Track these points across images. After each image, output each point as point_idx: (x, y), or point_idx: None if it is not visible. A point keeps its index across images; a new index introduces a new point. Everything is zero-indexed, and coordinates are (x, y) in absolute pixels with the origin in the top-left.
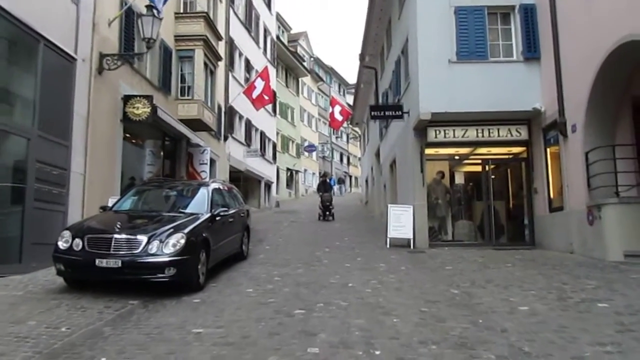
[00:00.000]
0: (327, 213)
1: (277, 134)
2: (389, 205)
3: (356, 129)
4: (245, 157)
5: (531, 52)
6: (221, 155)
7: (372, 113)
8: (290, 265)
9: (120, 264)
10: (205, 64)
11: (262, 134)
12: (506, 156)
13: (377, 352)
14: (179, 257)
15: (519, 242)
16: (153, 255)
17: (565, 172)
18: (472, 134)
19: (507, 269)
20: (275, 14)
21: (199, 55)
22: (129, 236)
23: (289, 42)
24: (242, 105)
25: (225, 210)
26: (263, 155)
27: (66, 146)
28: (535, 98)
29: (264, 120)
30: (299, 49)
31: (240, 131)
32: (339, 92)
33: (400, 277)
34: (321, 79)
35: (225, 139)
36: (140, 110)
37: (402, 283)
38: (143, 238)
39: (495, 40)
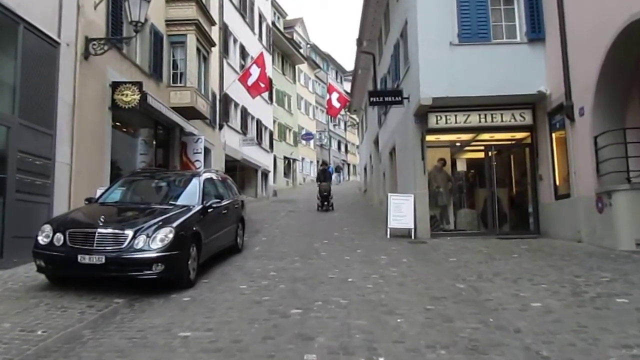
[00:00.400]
0: (326, 203)
1: (274, 122)
2: (389, 194)
3: (354, 116)
4: (242, 146)
5: (535, 32)
6: (216, 144)
7: (371, 99)
8: (287, 259)
9: (104, 260)
10: (198, 50)
11: (259, 122)
12: (510, 142)
13: (381, 359)
14: (167, 253)
15: (523, 230)
16: (139, 250)
17: (572, 158)
18: (474, 119)
19: (514, 260)
20: None
21: (191, 41)
22: (113, 230)
23: (284, 28)
24: (238, 92)
25: (218, 202)
26: (259, 143)
27: (50, 135)
28: (540, 81)
29: (260, 108)
30: (295, 36)
31: (235, 119)
32: (337, 79)
33: (403, 270)
34: (318, 66)
35: (221, 127)
36: (130, 97)
37: (404, 277)
38: (129, 232)
39: (498, 21)
